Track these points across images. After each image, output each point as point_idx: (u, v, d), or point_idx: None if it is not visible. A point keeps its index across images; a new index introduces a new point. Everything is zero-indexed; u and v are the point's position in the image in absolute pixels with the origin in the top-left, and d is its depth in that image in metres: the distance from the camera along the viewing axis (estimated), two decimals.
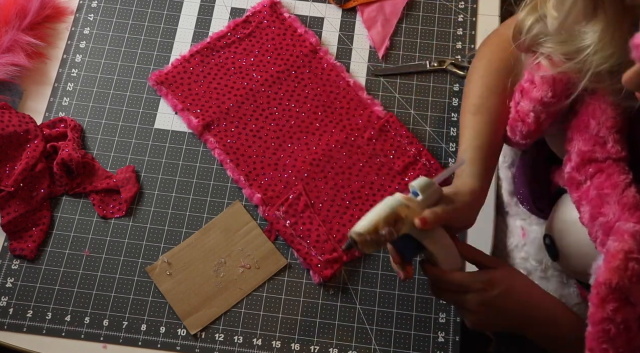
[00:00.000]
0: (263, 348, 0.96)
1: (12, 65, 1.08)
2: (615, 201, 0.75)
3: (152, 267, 0.98)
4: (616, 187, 0.75)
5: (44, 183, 1.02)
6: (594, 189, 0.77)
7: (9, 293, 0.98)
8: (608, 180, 0.76)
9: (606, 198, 0.76)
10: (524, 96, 0.84)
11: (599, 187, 0.77)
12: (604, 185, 0.76)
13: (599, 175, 0.77)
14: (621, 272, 0.67)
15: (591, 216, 0.77)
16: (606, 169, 0.77)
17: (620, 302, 0.68)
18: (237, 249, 1.00)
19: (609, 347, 0.68)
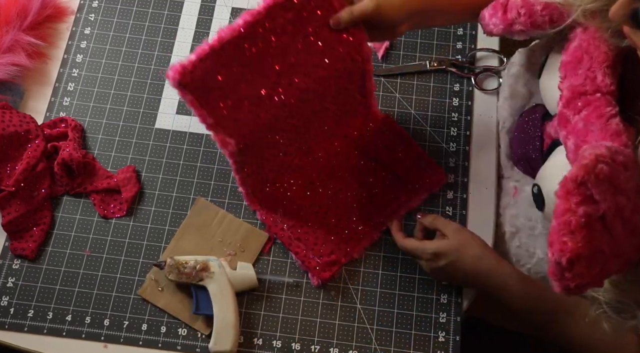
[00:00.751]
0: (264, 347, 0.96)
1: (13, 65, 1.08)
2: (599, 129, 0.77)
3: (142, 288, 0.98)
4: (601, 117, 0.78)
5: (44, 183, 1.02)
6: (581, 121, 0.80)
7: (10, 293, 0.98)
8: (595, 112, 0.79)
9: (591, 127, 0.78)
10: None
11: (586, 118, 0.79)
12: (591, 116, 0.79)
13: (587, 107, 0.80)
14: (589, 169, 0.68)
15: (576, 146, 0.79)
16: (594, 101, 0.79)
17: (584, 197, 0.68)
18: (217, 241, 1.00)
19: (569, 240, 0.69)
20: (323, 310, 0.98)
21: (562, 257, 0.69)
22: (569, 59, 0.84)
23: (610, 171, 0.69)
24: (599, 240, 0.69)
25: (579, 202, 0.68)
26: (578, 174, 0.69)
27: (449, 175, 1.05)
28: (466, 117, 1.09)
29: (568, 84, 0.83)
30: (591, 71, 0.81)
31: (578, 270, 0.69)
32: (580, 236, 0.68)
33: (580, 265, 0.69)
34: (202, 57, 0.81)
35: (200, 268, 0.95)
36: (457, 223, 0.97)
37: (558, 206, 0.70)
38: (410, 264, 1.00)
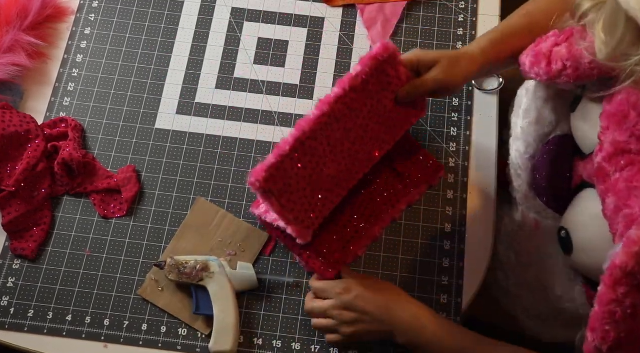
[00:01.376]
0: (264, 347, 0.96)
1: (13, 65, 1.08)
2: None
3: (142, 288, 0.98)
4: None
5: (45, 183, 1.02)
6: (623, 181, 0.77)
7: (10, 293, 0.98)
8: (639, 174, 0.76)
9: (635, 192, 0.75)
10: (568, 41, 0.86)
11: (629, 179, 0.76)
12: (635, 178, 0.76)
13: (631, 167, 0.77)
14: (638, 258, 0.67)
15: (616, 207, 0.76)
16: (638, 163, 0.77)
17: (632, 288, 0.67)
18: (217, 241, 1.00)
19: (612, 329, 0.68)
20: None
21: (604, 345, 0.69)
22: (613, 111, 0.80)
23: None
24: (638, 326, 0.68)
25: (626, 293, 0.67)
26: (628, 263, 0.67)
27: (449, 175, 1.05)
28: (466, 117, 1.09)
29: (611, 138, 0.79)
30: (637, 129, 0.77)
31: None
32: (624, 326, 0.68)
33: (620, 350, 0.69)
34: (283, 155, 0.83)
35: (200, 269, 0.95)
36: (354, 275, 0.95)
37: (603, 294, 0.69)
38: (411, 264, 1.00)
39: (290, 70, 1.13)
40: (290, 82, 1.12)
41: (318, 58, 1.14)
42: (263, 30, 1.16)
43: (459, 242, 1.01)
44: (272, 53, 1.14)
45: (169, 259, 0.96)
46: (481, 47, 0.94)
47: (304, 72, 1.13)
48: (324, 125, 0.86)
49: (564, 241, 0.89)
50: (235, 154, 1.07)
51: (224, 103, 1.11)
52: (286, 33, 1.16)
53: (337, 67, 1.13)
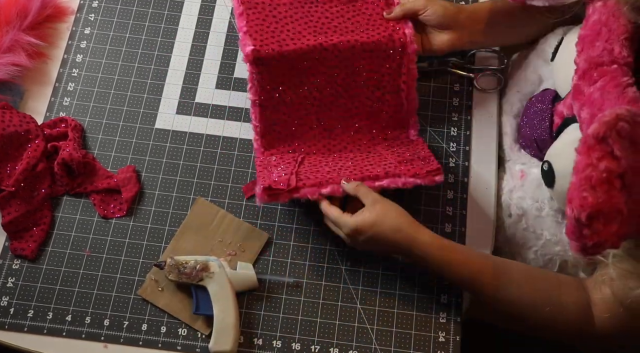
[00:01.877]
0: (264, 347, 0.96)
1: (13, 65, 1.08)
2: (616, 97, 0.77)
3: (142, 288, 0.98)
4: (618, 86, 0.78)
5: (44, 183, 1.02)
6: (597, 91, 0.79)
7: (10, 293, 0.98)
8: (611, 82, 0.78)
9: (607, 97, 0.78)
10: None
11: (602, 88, 0.79)
12: (607, 85, 0.78)
13: (604, 78, 0.79)
14: (610, 126, 0.69)
15: (591, 116, 0.78)
16: (611, 72, 0.79)
17: (605, 153, 0.69)
18: (217, 241, 1.00)
19: (589, 195, 0.69)
20: (323, 310, 0.98)
21: (582, 213, 0.69)
22: (587, 33, 0.84)
23: (631, 129, 0.69)
24: (617, 198, 0.69)
25: (600, 157, 0.68)
26: (600, 129, 0.69)
27: (449, 175, 1.05)
28: (466, 117, 1.09)
29: (585, 56, 0.83)
30: (609, 43, 0.81)
31: (596, 227, 0.69)
32: (601, 191, 0.68)
33: (599, 222, 0.69)
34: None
35: (200, 269, 0.95)
36: (377, 194, 0.93)
37: (579, 162, 0.70)
38: (411, 264, 1.00)
39: None
40: None
41: None
42: None
43: (459, 241, 1.01)
44: None
45: (169, 259, 0.96)
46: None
47: None
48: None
49: (546, 174, 0.90)
50: (235, 153, 1.07)
51: (223, 103, 1.11)
52: None
53: None
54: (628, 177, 0.69)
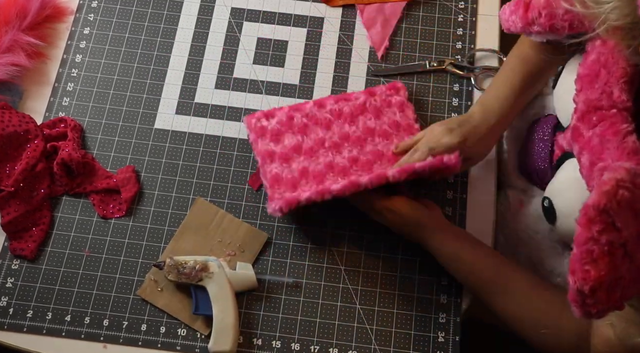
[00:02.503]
0: (263, 348, 0.96)
1: (12, 65, 1.08)
2: (616, 147, 0.76)
3: (142, 289, 0.98)
4: (617, 134, 0.77)
5: (44, 183, 1.02)
6: (596, 137, 0.78)
7: (9, 293, 0.98)
8: (611, 128, 0.77)
9: (607, 145, 0.77)
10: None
11: (601, 134, 0.78)
12: (606, 132, 0.77)
13: (603, 123, 0.78)
14: (610, 196, 0.68)
15: (590, 163, 0.77)
16: (610, 117, 0.78)
17: (606, 225, 0.68)
18: (216, 241, 1.00)
19: (591, 268, 0.68)
20: (323, 310, 0.98)
21: (585, 286, 0.68)
22: (586, 72, 0.82)
23: (631, 196, 0.68)
24: (620, 267, 0.68)
25: (601, 230, 0.68)
26: (600, 201, 0.68)
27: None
28: None
29: (584, 98, 0.81)
30: (608, 86, 0.79)
31: (599, 297, 0.69)
32: (603, 264, 0.68)
33: (602, 292, 0.69)
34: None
35: (199, 269, 0.95)
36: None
37: (580, 234, 0.69)
38: (411, 264, 1.00)
39: (290, 70, 1.13)
40: (290, 82, 1.12)
41: (317, 58, 1.14)
42: (262, 30, 1.16)
43: None
44: (271, 53, 1.14)
45: (168, 259, 0.96)
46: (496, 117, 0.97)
47: (304, 72, 1.13)
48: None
49: (547, 210, 0.90)
50: (235, 154, 1.07)
51: (223, 103, 1.11)
52: (286, 33, 1.16)
53: (337, 67, 1.13)
54: (630, 245, 0.68)
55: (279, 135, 1.04)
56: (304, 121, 1.05)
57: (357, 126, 1.05)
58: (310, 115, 1.06)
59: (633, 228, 0.68)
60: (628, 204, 0.68)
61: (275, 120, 1.05)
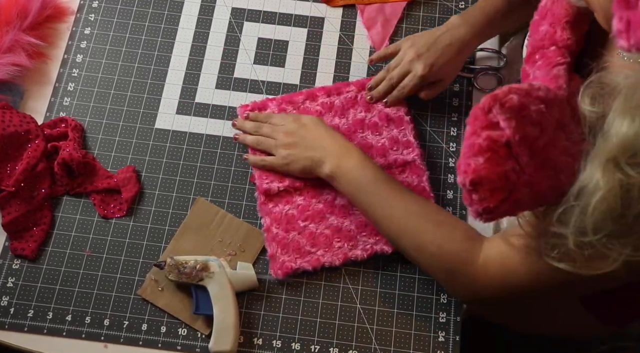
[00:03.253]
0: (264, 347, 0.96)
1: (13, 65, 1.08)
2: (543, 75, 0.79)
3: (142, 288, 0.98)
4: (548, 66, 0.80)
5: (45, 183, 1.02)
6: (535, 72, 0.81)
7: (10, 293, 0.98)
8: (545, 62, 0.80)
9: (537, 75, 0.80)
10: None
11: (537, 68, 0.81)
12: (541, 66, 0.81)
13: (542, 60, 0.81)
14: (497, 98, 0.70)
15: None
16: (548, 54, 0.81)
17: (489, 123, 0.70)
18: (217, 241, 1.00)
19: (472, 161, 0.70)
20: (323, 310, 0.98)
21: (466, 178, 0.71)
22: (536, 18, 0.86)
23: (521, 101, 0.70)
24: (503, 166, 0.70)
25: (483, 126, 0.70)
26: (485, 101, 0.71)
27: (449, 175, 1.05)
28: (466, 117, 1.09)
29: (531, 40, 0.85)
30: (552, 27, 0.82)
31: (482, 194, 0.71)
32: (483, 159, 0.70)
33: (484, 188, 0.71)
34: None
35: (200, 268, 0.95)
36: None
37: (466, 131, 0.72)
38: (411, 264, 1.00)
39: (290, 70, 1.13)
40: (290, 82, 1.12)
41: (318, 58, 1.14)
42: (263, 30, 1.16)
43: None
44: (272, 53, 1.14)
45: (169, 259, 0.96)
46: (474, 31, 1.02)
47: (304, 72, 1.13)
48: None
49: None
50: (235, 153, 1.07)
51: (223, 103, 1.11)
52: (286, 33, 1.16)
53: (337, 67, 1.13)
54: (514, 145, 0.70)
55: None
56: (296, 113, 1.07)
57: (347, 118, 1.07)
58: (301, 108, 1.07)
59: (517, 131, 0.69)
60: (514, 107, 0.70)
61: (267, 112, 1.07)
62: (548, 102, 0.72)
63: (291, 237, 1.00)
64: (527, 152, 0.70)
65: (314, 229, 1.00)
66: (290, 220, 1.00)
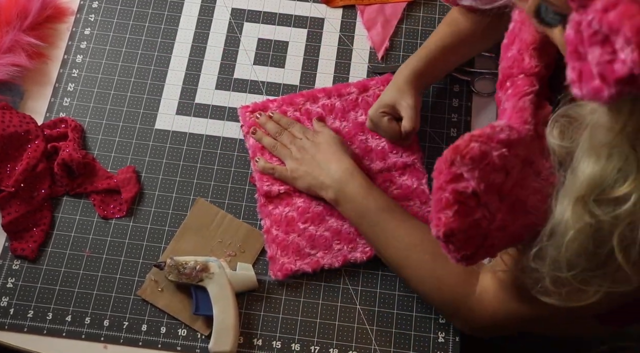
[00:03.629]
0: (263, 348, 0.96)
1: (13, 66, 1.08)
2: (511, 107, 0.79)
3: (142, 289, 0.98)
4: (517, 96, 0.79)
5: (44, 183, 1.02)
6: (506, 102, 0.81)
7: (10, 293, 0.98)
8: (514, 91, 0.80)
9: (506, 106, 0.80)
10: None
11: (507, 99, 0.81)
12: (510, 96, 0.80)
13: (512, 88, 0.81)
14: (458, 150, 0.70)
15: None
16: (517, 82, 0.81)
17: (453, 176, 0.71)
18: (217, 242, 1.00)
19: (442, 215, 0.71)
20: (323, 310, 0.98)
21: (439, 232, 0.72)
22: (505, 42, 0.85)
23: (481, 149, 0.70)
24: (472, 216, 0.71)
25: (448, 180, 0.71)
26: (447, 154, 0.71)
27: None
28: (466, 118, 1.09)
29: (501, 67, 0.85)
30: (519, 53, 0.82)
31: (457, 244, 0.72)
32: (451, 212, 0.71)
33: (457, 239, 0.72)
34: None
35: (200, 269, 0.95)
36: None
37: (433, 185, 0.73)
38: None
39: (290, 70, 1.13)
40: (290, 83, 1.12)
41: (318, 59, 1.14)
42: (263, 30, 1.16)
43: None
44: (272, 54, 1.14)
45: (169, 260, 0.96)
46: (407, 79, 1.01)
47: (304, 72, 1.13)
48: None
49: None
50: (235, 154, 1.07)
51: (223, 104, 1.11)
52: (286, 34, 1.16)
53: (337, 67, 1.13)
54: (482, 195, 0.70)
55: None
56: (297, 115, 1.07)
57: (348, 121, 1.07)
58: (302, 110, 1.07)
59: (482, 180, 0.70)
60: (476, 157, 0.70)
61: (268, 113, 1.07)
62: (511, 144, 0.72)
63: (291, 238, 1.00)
64: (495, 198, 0.71)
65: (313, 231, 1.00)
66: (290, 222, 1.00)
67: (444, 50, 1.02)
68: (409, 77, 1.01)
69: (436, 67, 1.04)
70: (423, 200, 1.02)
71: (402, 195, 1.02)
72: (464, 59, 1.08)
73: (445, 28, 1.04)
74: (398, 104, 1.00)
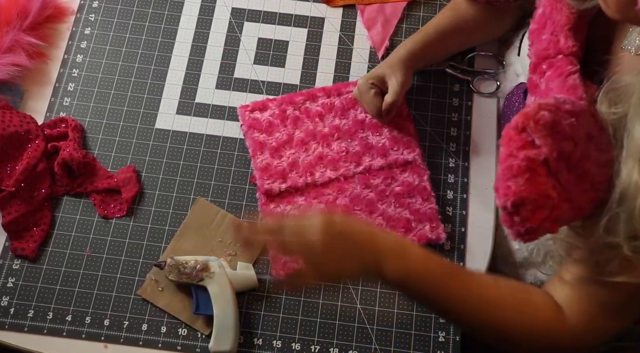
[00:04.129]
0: (264, 347, 0.96)
1: (13, 66, 1.08)
2: (558, 86, 0.80)
3: (142, 289, 0.98)
4: (561, 75, 0.81)
5: (45, 183, 1.02)
6: (545, 83, 0.82)
7: (10, 293, 0.98)
8: (556, 72, 0.81)
9: (551, 86, 0.81)
10: None
11: (548, 79, 0.82)
12: (552, 76, 0.82)
13: (550, 70, 0.82)
14: (529, 116, 0.69)
15: None
16: (556, 63, 0.82)
17: (524, 142, 0.70)
18: (217, 241, 1.00)
19: (512, 183, 0.69)
20: (323, 310, 0.98)
21: (507, 201, 0.70)
22: (535, 27, 0.87)
23: (553, 117, 0.69)
24: (544, 184, 0.69)
25: (519, 147, 0.70)
26: (518, 120, 0.70)
27: (449, 175, 1.05)
28: (466, 117, 1.09)
29: (534, 50, 0.86)
30: (554, 35, 0.83)
31: (524, 214, 0.70)
32: (522, 179, 0.69)
33: (526, 209, 0.70)
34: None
35: (200, 269, 0.95)
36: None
37: (502, 153, 0.71)
38: None
39: (290, 70, 1.13)
40: (291, 82, 1.12)
41: (318, 58, 1.14)
42: (263, 30, 1.16)
43: (459, 242, 1.01)
44: (272, 53, 1.14)
45: (169, 259, 0.96)
46: (401, 58, 1.03)
47: (304, 72, 1.13)
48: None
49: None
50: (235, 154, 1.07)
51: (224, 103, 1.11)
52: (286, 33, 1.16)
53: (337, 67, 1.13)
54: (552, 162, 0.69)
55: (270, 127, 1.06)
56: (296, 114, 1.07)
57: (348, 119, 1.07)
58: (302, 108, 1.08)
59: (554, 147, 0.69)
60: (548, 124, 0.69)
61: (267, 112, 1.07)
62: (576, 114, 0.71)
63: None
64: (565, 167, 0.70)
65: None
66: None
67: (442, 35, 1.04)
68: (403, 55, 1.03)
69: (432, 51, 1.06)
70: (425, 197, 1.02)
71: (404, 192, 1.02)
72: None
73: (447, 12, 1.06)
74: (388, 77, 1.01)
